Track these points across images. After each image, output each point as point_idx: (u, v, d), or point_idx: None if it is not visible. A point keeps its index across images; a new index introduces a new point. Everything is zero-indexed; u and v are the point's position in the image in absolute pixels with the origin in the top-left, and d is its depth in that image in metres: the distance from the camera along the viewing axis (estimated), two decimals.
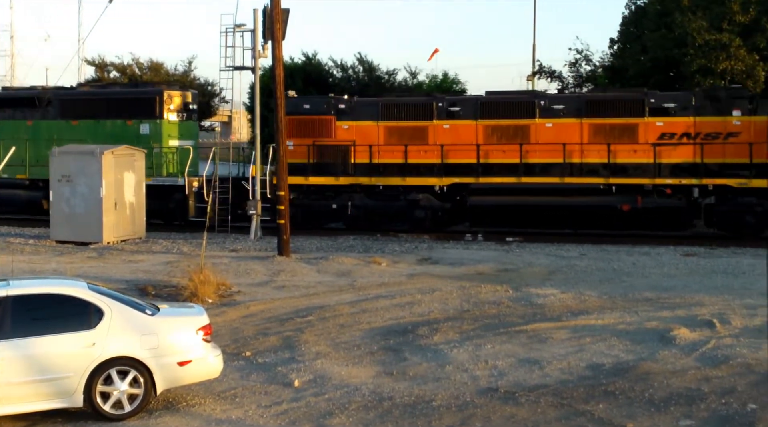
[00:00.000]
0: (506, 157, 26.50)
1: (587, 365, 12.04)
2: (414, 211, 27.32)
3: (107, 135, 30.06)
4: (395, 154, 27.23)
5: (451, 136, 27.04)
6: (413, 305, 16.18)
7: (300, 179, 27.52)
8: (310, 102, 28.49)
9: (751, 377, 11.29)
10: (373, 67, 41.69)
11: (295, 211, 27.72)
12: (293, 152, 27.44)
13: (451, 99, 28.04)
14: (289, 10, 24.88)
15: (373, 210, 27.60)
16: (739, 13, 29.59)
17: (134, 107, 30.22)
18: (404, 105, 27.78)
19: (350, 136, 27.71)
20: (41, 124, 31.28)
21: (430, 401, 10.67)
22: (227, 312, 15.82)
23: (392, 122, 27.59)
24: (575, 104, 26.47)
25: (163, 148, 29.73)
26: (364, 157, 27.40)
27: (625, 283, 18.33)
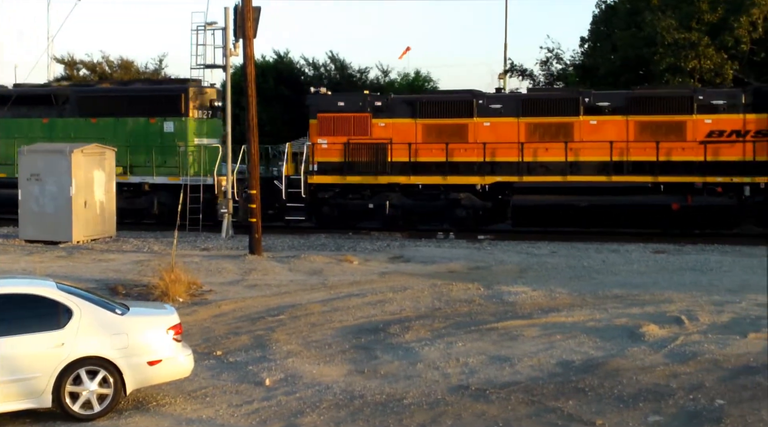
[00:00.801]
0: (549, 156, 26.05)
1: (557, 362, 12.12)
2: (455, 211, 26.84)
3: (128, 133, 29.30)
4: (434, 153, 26.69)
5: (491, 134, 26.50)
6: (385, 303, 16.20)
7: (336, 178, 27.11)
8: (344, 99, 27.92)
9: (718, 372, 11.41)
10: (345, 65, 41.67)
11: (330, 210, 27.53)
12: (327, 151, 27.08)
13: (492, 96, 27.53)
14: (260, 8, 24.81)
15: (411, 209, 27.14)
16: (708, 12, 29.88)
17: (158, 105, 29.22)
18: (443, 102, 27.18)
19: (387, 134, 27.15)
20: (58, 122, 30.31)
21: (402, 399, 10.69)
22: (198, 311, 15.75)
23: (431, 120, 26.98)
24: (621, 101, 25.94)
25: (189, 147, 28.87)
26: (402, 156, 26.80)
27: (595, 280, 18.46)
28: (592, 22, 36.15)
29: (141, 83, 32.47)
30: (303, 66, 42.26)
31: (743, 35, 29.42)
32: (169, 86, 30.54)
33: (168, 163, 28.96)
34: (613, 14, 34.56)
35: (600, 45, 34.63)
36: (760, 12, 29.20)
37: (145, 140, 29.06)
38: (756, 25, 29.41)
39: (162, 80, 33.51)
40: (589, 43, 36.05)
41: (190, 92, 29.12)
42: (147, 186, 29.05)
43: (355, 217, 27.72)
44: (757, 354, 12.21)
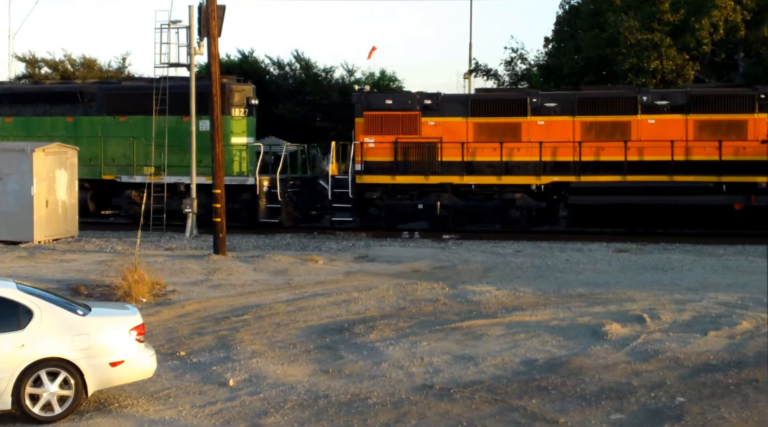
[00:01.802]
0: (606, 155, 25.68)
1: (521, 360, 12.18)
2: (509, 211, 26.41)
3: (160, 131, 28.03)
4: (486, 152, 26.29)
5: (545, 133, 26.07)
6: (350, 302, 16.20)
7: (386, 178, 26.66)
8: (392, 98, 27.50)
9: (679, 370, 11.53)
10: (311, 65, 41.58)
11: (377, 211, 27.05)
12: (374, 150, 26.69)
13: (547, 95, 27.02)
14: (224, 7, 24.65)
15: (463, 210, 26.72)
16: (669, 12, 30.19)
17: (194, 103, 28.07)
18: (496, 101, 26.80)
19: (436, 133, 26.62)
20: (83, 120, 29.24)
21: (366, 398, 10.69)
22: (162, 311, 15.65)
23: (483, 119, 26.49)
24: (680, 100, 25.62)
25: (227, 146, 27.75)
26: (453, 155, 26.32)
27: (559, 279, 18.58)
28: (556, 23, 36.41)
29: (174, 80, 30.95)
30: (268, 65, 42.13)
31: (704, 37, 29.77)
32: (205, 83, 29.22)
33: (204, 162, 27.43)
34: (577, 15, 34.82)
35: (564, 45, 34.87)
36: (720, 14, 29.55)
37: (179, 139, 27.90)
38: (717, 27, 29.76)
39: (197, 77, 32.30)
40: (553, 43, 36.30)
41: (228, 89, 28.06)
42: (183, 186, 27.98)
43: (403, 218, 27.22)
44: (717, 352, 12.36)
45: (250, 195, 27.66)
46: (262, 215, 27.58)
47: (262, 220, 27.64)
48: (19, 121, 29.76)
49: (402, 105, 26.99)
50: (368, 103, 27.20)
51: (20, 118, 29.80)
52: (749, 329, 13.61)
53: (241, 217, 28.08)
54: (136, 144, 28.33)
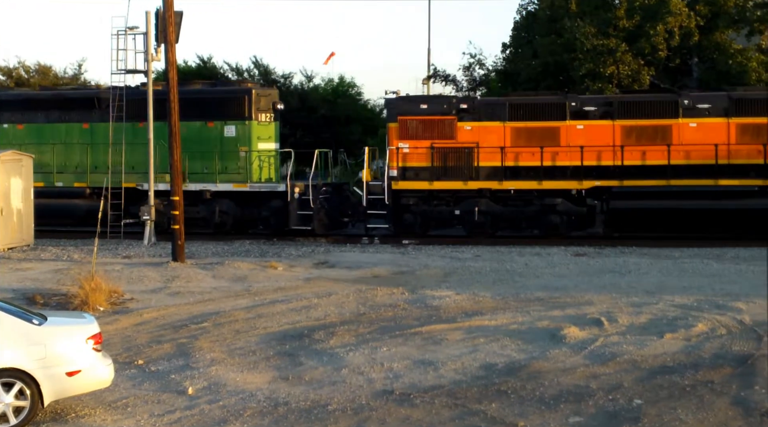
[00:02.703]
0: (646, 159, 25.48)
1: (481, 365, 12.23)
2: (548, 216, 26.03)
3: (183, 138, 26.76)
4: (524, 157, 25.96)
5: (584, 137, 25.86)
6: (310, 309, 16.17)
7: (423, 184, 26.24)
8: (428, 102, 27.09)
9: (636, 373, 11.65)
10: (269, 71, 41.45)
11: (413, 218, 26.59)
12: (408, 155, 26.29)
13: (586, 98, 26.88)
14: (182, 13, 24.55)
15: (501, 216, 26.33)
16: (624, 18, 30.52)
17: (218, 108, 27.67)
18: (534, 105, 26.43)
19: (473, 138, 26.31)
20: (99, 127, 28.40)
21: (326, 405, 10.67)
22: (119, 320, 15.50)
23: (520, 123, 26.21)
24: (722, 103, 25.52)
25: (254, 152, 27.44)
26: (490, 160, 26.05)
27: (518, 283, 18.70)
28: (514, 29, 36.63)
29: (198, 85, 29.96)
30: (226, 71, 41.93)
31: (660, 42, 30.14)
32: (231, 88, 28.59)
33: (228, 169, 27.40)
34: (534, 21, 35.08)
35: (521, 51, 35.11)
36: (675, 20, 29.94)
37: (202, 145, 27.38)
38: (672, 32, 30.15)
39: (219, 81, 30.85)
40: (511, 49, 36.52)
41: (254, 94, 27.61)
42: (209, 194, 27.45)
43: (439, 224, 26.86)
44: (674, 354, 12.51)
45: (280, 202, 27.02)
46: (293, 222, 26.92)
47: (293, 227, 27.02)
48: (31, 129, 28.80)
49: (437, 109, 26.70)
50: (402, 107, 26.77)
51: (32, 125, 28.88)
52: (705, 331, 13.79)
53: (268, 224, 27.54)
54: (159, 150, 27.38)
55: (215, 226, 27.76)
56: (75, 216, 28.33)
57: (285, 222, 27.11)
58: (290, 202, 26.77)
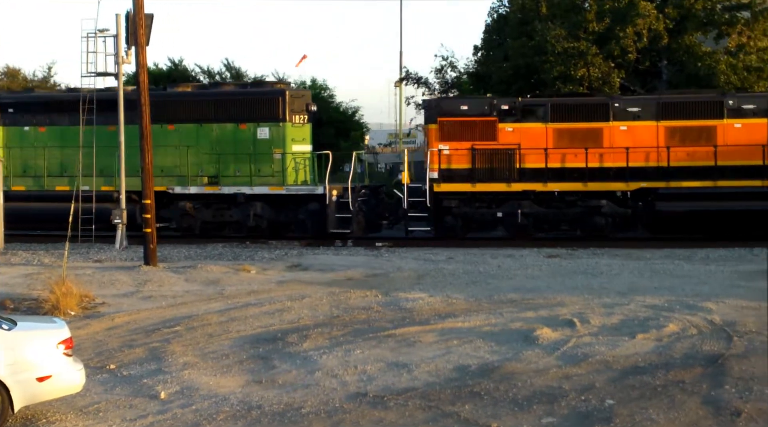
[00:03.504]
0: (691, 160, 25.26)
1: (454, 367, 12.26)
2: (593, 218, 25.79)
3: (213, 140, 27.20)
4: (567, 158, 25.75)
5: (628, 138, 25.64)
6: (283, 312, 16.14)
7: (466, 186, 25.92)
8: (468, 103, 26.77)
9: (608, 373, 11.73)
10: (241, 74, 41.39)
11: (454, 220, 26.31)
12: (449, 157, 26.02)
13: (629, 99, 26.65)
14: (152, 16, 24.42)
15: (544, 218, 26.05)
16: (595, 21, 30.71)
17: (250, 110, 27.15)
18: (577, 106, 26.23)
19: (515, 140, 26.02)
20: (127, 129, 27.29)
21: (300, 408, 10.65)
22: (91, 324, 15.39)
23: (563, 124, 25.98)
24: (766, 104, 25.40)
25: (288, 154, 27.05)
26: (533, 162, 25.82)
27: (491, 285, 18.76)
28: (485, 31, 36.77)
29: (228, 87, 29.45)
30: (198, 74, 41.82)
31: (629, 45, 30.36)
32: (264, 90, 28.05)
33: (262, 172, 27.01)
34: (505, 23, 35.22)
35: (492, 53, 35.24)
36: (644, 23, 30.18)
37: (235, 148, 27.01)
38: (641, 35, 30.38)
39: (253, 83, 30.16)
40: (482, 51, 36.65)
41: (288, 96, 27.20)
42: (243, 197, 27.03)
43: (481, 226, 26.60)
44: (645, 354, 12.60)
45: (317, 205, 26.65)
46: (331, 225, 26.53)
47: (331, 231, 26.64)
48: (53, 131, 28.09)
49: (478, 111, 26.45)
50: (443, 109, 26.57)
51: (55, 128, 28.18)
52: (676, 331, 13.90)
53: (305, 228, 27.14)
54: (190, 153, 27.09)
55: (249, 230, 27.28)
56: (103, 220, 27.49)
57: (322, 225, 26.69)
58: (328, 206, 26.37)
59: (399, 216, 27.50)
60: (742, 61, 30.14)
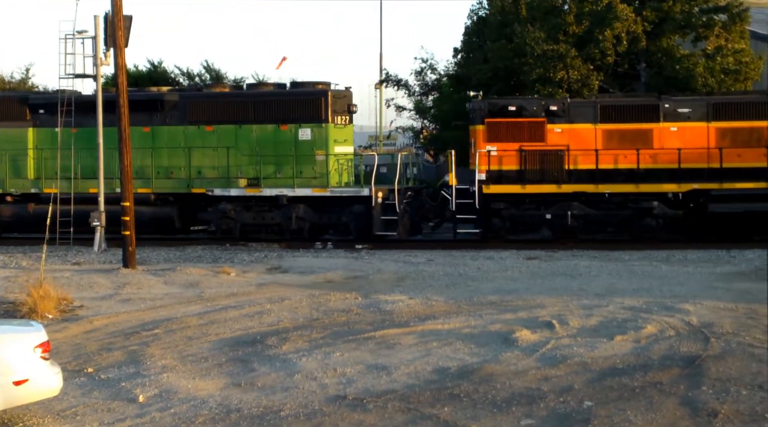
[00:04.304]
0: (743, 161, 25.17)
1: (434, 369, 12.27)
2: (644, 220, 25.59)
3: (253, 142, 26.81)
4: (617, 159, 25.60)
5: (678, 139, 25.53)
6: (262, 314, 16.11)
7: (515, 187, 25.72)
8: (516, 104, 26.56)
9: (587, 375, 11.78)
10: (221, 75, 41.33)
11: (501, 222, 26.06)
12: (496, 159, 25.83)
13: (680, 100, 26.44)
14: (131, 17, 24.33)
15: (594, 220, 25.83)
16: (574, 24, 30.83)
17: (292, 110, 26.83)
18: (627, 107, 26.06)
19: (563, 141, 25.90)
20: (162, 130, 27.53)
21: (279, 411, 10.64)
22: (69, 328, 15.31)
23: (612, 125, 25.83)
24: None
25: (331, 156, 26.72)
26: (582, 163, 25.70)
27: (471, 287, 18.80)
28: (465, 34, 36.83)
29: (269, 87, 28.95)
30: (177, 76, 41.72)
31: (608, 47, 30.51)
32: (306, 90, 27.60)
33: (303, 173, 26.71)
34: (485, 26, 35.28)
35: (472, 56, 35.30)
36: (622, 26, 30.33)
37: (276, 149, 26.73)
38: (620, 38, 30.53)
39: (293, 84, 29.65)
40: (462, 53, 36.71)
41: (330, 96, 26.85)
42: (285, 199, 26.73)
43: (529, 228, 26.37)
44: (624, 356, 12.66)
45: (363, 207, 26.36)
46: (377, 227, 26.25)
47: (377, 233, 26.38)
48: (85, 132, 27.53)
49: (526, 112, 26.27)
50: (490, 109, 26.41)
51: (87, 129, 27.55)
52: (654, 332, 13.98)
53: (348, 230, 26.87)
54: (230, 155, 26.80)
55: (291, 232, 27.01)
56: (140, 223, 26.58)
57: (367, 228, 26.43)
58: (374, 208, 26.11)
59: (444, 218, 27.26)
60: (719, 64, 30.34)
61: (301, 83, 28.31)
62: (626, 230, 26.03)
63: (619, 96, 27.64)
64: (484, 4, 36.43)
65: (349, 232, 26.88)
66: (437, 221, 27.72)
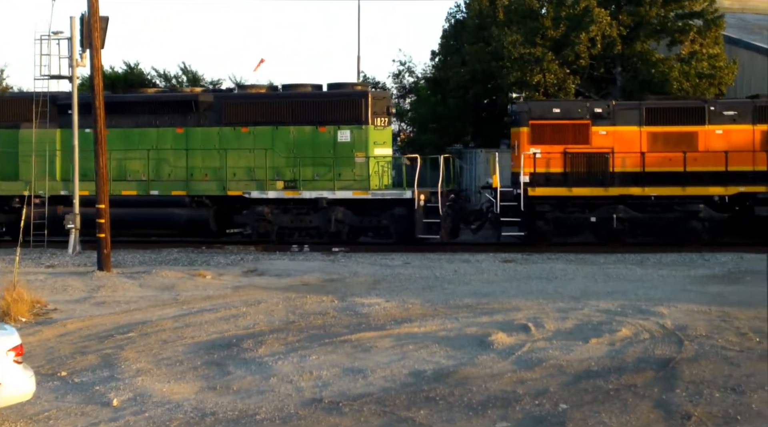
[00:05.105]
0: None
1: (410, 372, 12.28)
2: (690, 223, 25.35)
3: (290, 143, 26.40)
4: (661, 162, 25.41)
5: (723, 141, 25.40)
6: (238, 317, 16.05)
7: (562, 190, 25.48)
8: (560, 106, 26.34)
9: (562, 378, 11.82)
10: (198, 77, 41.22)
11: (546, 225, 25.84)
12: (540, 161, 25.60)
13: (726, 103, 26.42)
14: (108, 18, 24.22)
15: (639, 223, 25.57)
16: (551, 28, 31.00)
17: (331, 112, 26.42)
18: (673, 109, 25.94)
19: (608, 143, 25.69)
20: (196, 131, 27.05)
21: (254, 414, 10.60)
22: (42, 331, 15.19)
23: (657, 127, 25.65)
24: None
25: (371, 158, 26.31)
26: (628, 165, 25.52)
27: (447, 290, 18.82)
28: (443, 37, 36.97)
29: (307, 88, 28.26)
30: (154, 77, 41.56)
31: (583, 51, 30.69)
32: (345, 91, 27.10)
33: (342, 176, 26.30)
34: (463, 29, 35.43)
35: (450, 59, 35.43)
36: (598, 29, 30.51)
37: (313, 151, 26.41)
38: (595, 41, 30.72)
39: (331, 85, 29.18)
40: (440, 56, 36.84)
41: (370, 97, 26.44)
42: (326, 202, 26.25)
43: (573, 231, 26.16)
44: (599, 358, 12.72)
45: (404, 210, 26.00)
46: (419, 230, 25.87)
47: (419, 236, 26.03)
48: (116, 134, 26.94)
49: (571, 114, 26.01)
50: (535, 112, 26.20)
51: (118, 130, 27.07)
52: (629, 335, 14.05)
53: (388, 233, 26.55)
54: (268, 157, 26.48)
55: (330, 235, 26.68)
56: (175, 226, 27.21)
57: (409, 231, 26.11)
58: (416, 210, 25.75)
59: (485, 221, 27.09)
60: (694, 68, 30.60)
61: (338, 85, 28.08)
62: (672, 233, 25.88)
63: (664, 98, 27.64)
64: (461, 8, 36.60)
65: (389, 235, 26.62)
66: (478, 224, 27.50)
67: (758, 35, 36.51)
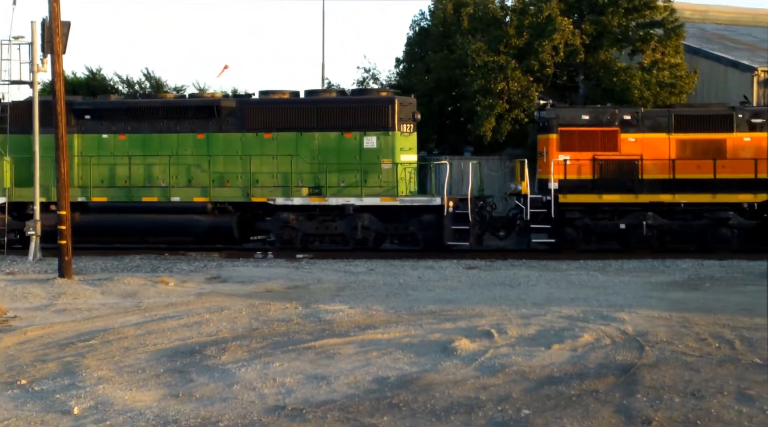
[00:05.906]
0: None
1: (373, 378, 12.29)
2: (719, 230, 25.52)
3: (315, 150, 26.21)
4: (690, 169, 25.51)
5: (751, 149, 25.61)
6: (201, 324, 15.97)
7: (592, 197, 25.46)
8: (589, 113, 26.33)
9: (525, 383, 11.89)
10: (161, 83, 40.96)
11: (575, 232, 25.75)
12: (570, 167, 25.59)
13: (754, 110, 26.47)
14: (69, 23, 24.01)
15: (667, 230, 25.69)
16: (515, 36, 31.21)
17: (356, 118, 26.31)
18: (701, 117, 26.05)
19: (636, 150, 25.78)
20: (218, 137, 26.81)
21: (217, 422, 10.55)
22: (2, 338, 15.01)
23: (686, 135, 25.80)
24: None
25: (398, 164, 26.21)
26: (657, 173, 25.64)
27: (411, 296, 18.87)
28: (407, 44, 37.07)
29: (332, 94, 28.45)
30: (116, 83, 41.26)
31: (547, 59, 30.93)
32: (372, 97, 27.10)
33: (368, 182, 26.16)
34: (427, 37, 35.56)
35: (414, 66, 35.54)
36: (561, 37, 30.78)
37: (338, 157, 26.21)
38: (558, 49, 30.98)
39: (355, 91, 28.99)
40: (404, 64, 36.93)
41: (397, 104, 26.31)
42: (352, 209, 26.07)
43: (602, 238, 26.15)
44: (561, 364, 12.81)
45: (432, 216, 25.87)
46: (448, 237, 25.72)
47: (448, 243, 25.88)
48: (134, 139, 26.86)
49: (599, 121, 26.13)
50: (563, 118, 26.22)
51: (136, 136, 26.91)
52: (590, 341, 14.17)
53: (415, 240, 26.36)
54: (293, 163, 26.28)
55: (356, 242, 26.53)
56: (195, 232, 26.97)
57: (437, 238, 25.97)
58: (446, 217, 25.66)
59: (513, 228, 27.07)
60: (655, 77, 30.97)
61: (363, 90, 27.96)
62: (701, 240, 25.92)
63: (693, 106, 27.88)
64: (426, 15, 36.72)
65: (416, 242, 26.50)
66: (506, 231, 27.45)
67: (718, 44, 37.09)
